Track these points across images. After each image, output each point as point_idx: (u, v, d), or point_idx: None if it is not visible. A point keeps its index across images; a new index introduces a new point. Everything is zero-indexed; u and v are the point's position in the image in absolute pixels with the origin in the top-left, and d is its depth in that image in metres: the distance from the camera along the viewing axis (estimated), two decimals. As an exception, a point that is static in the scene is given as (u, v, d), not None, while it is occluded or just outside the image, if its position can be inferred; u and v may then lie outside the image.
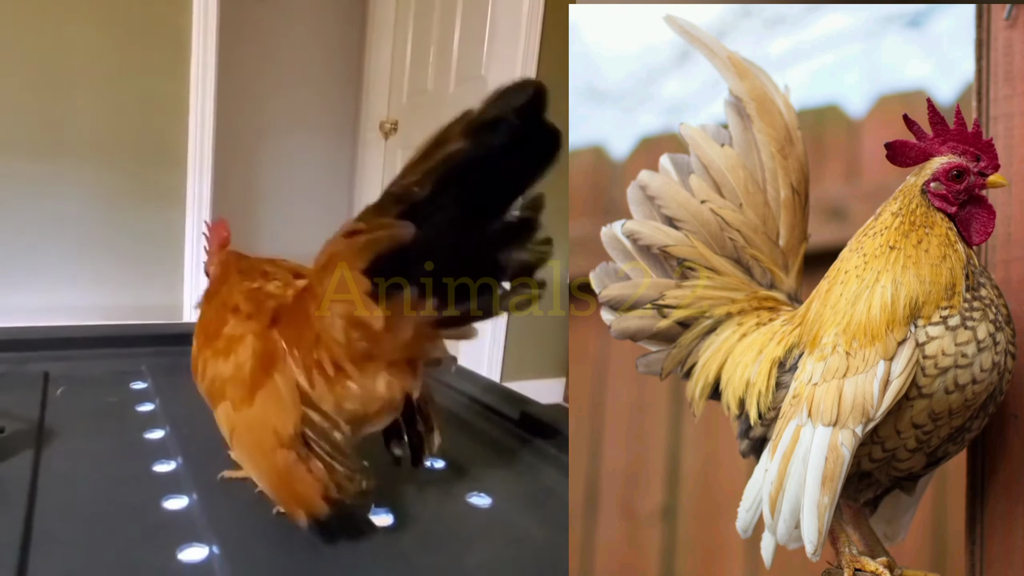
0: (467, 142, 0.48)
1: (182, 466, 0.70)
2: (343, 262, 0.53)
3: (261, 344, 0.60)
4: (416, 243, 0.50)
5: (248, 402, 0.58)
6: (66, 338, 1.11)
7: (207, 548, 0.56)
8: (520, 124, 0.49)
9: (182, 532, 0.58)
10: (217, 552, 0.55)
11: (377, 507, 0.64)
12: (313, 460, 0.56)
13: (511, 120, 0.49)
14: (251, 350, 0.59)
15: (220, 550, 0.55)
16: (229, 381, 0.60)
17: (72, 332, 1.16)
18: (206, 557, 0.55)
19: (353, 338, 0.55)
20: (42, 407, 0.83)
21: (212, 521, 0.59)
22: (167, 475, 0.69)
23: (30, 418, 0.77)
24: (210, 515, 0.61)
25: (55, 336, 1.12)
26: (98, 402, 0.88)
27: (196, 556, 0.55)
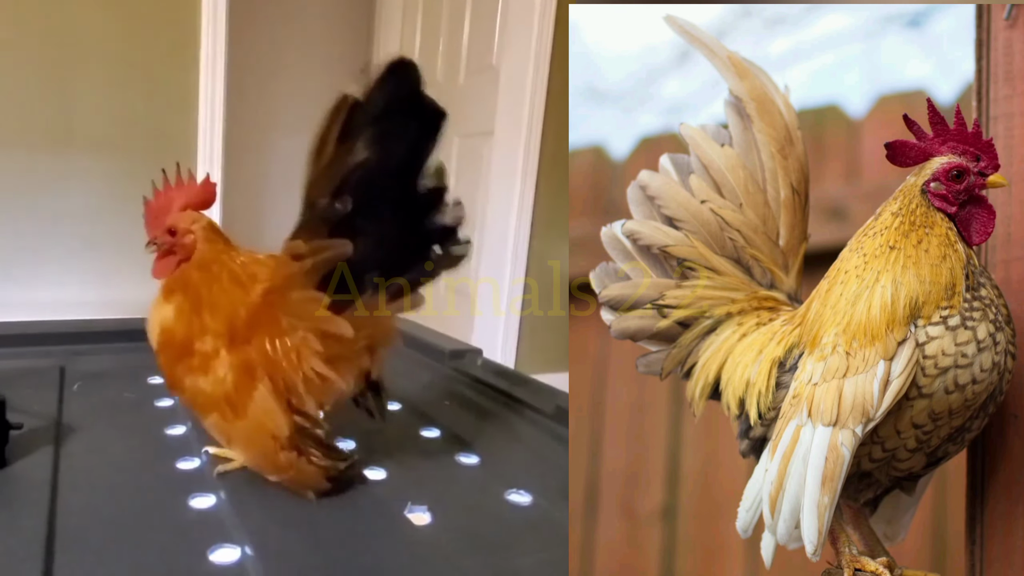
0: (369, 151, 0.55)
1: (207, 463, 0.69)
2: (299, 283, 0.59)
3: (237, 358, 0.62)
4: (356, 252, 0.57)
5: (241, 414, 0.62)
6: (80, 332, 1.10)
7: (239, 549, 0.55)
8: (410, 111, 0.55)
9: (212, 532, 0.57)
10: (250, 554, 0.54)
11: (415, 505, 0.64)
12: (311, 452, 0.63)
13: (402, 113, 0.54)
14: (228, 364, 0.62)
15: (253, 551, 0.54)
16: (213, 396, 0.62)
17: (86, 326, 1.14)
18: (238, 559, 0.54)
19: (329, 347, 0.61)
20: (59, 402, 0.82)
21: (242, 521, 0.59)
22: (192, 472, 0.68)
23: (48, 414, 0.76)
24: (239, 514, 0.60)
25: (69, 330, 1.10)
26: (116, 397, 0.87)
27: (228, 558, 0.54)
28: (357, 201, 0.57)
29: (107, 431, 0.77)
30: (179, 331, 0.65)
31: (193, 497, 0.63)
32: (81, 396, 0.86)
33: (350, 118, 0.56)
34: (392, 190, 0.57)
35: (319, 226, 0.58)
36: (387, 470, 0.72)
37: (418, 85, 0.55)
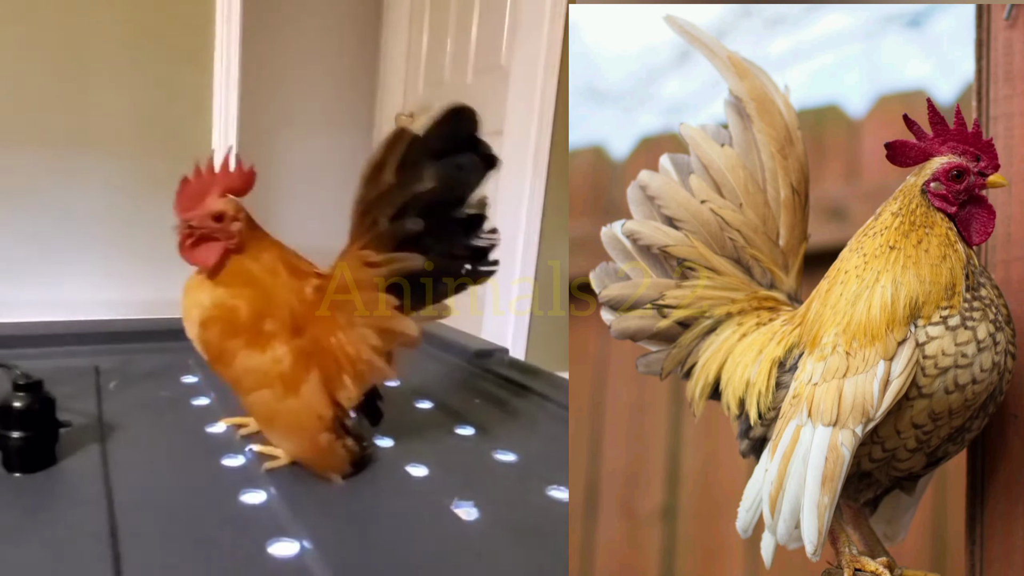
0: (434, 181, 0.64)
1: (252, 460, 0.71)
2: (371, 285, 0.67)
3: (295, 342, 0.68)
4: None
5: (293, 393, 0.67)
6: (111, 332, 1.12)
7: (297, 543, 0.56)
8: (470, 151, 0.65)
9: (267, 526, 0.59)
10: (309, 547, 0.56)
11: (461, 500, 0.66)
12: (344, 437, 0.69)
13: (463, 153, 0.65)
14: (287, 348, 0.67)
15: (312, 545, 0.56)
16: (268, 374, 0.67)
17: (118, 326, 1.16)
18: (298, 552, 0.55)
19: (386, 342, 0.69)
20: (99, 401, 0.83)
21: (295, 515, 0.61)
22: (238, 469, 0.70)
23: (89, 412, 0.78)
24: (292, 509, 0.62)
25: (101, 330, 1.12)
26: (152, 396, 0.89)
27: (287, 551, 0.55)
28: (427, 222, 0.66)
29: (149, 429, 0.78)
30: (243, 308, 0.68)
31: (244, 493, 0.65)
32: (118, 395, 0.87)
33: (409, 151, 0.64)
34: (448, 215, 0.67)
35: (386, 240, 0.66)
36: (428, 467, 0.74)
37: (476, 130, 0.65)
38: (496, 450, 0.81)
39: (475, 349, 1.20)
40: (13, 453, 0.65)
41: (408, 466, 0.74)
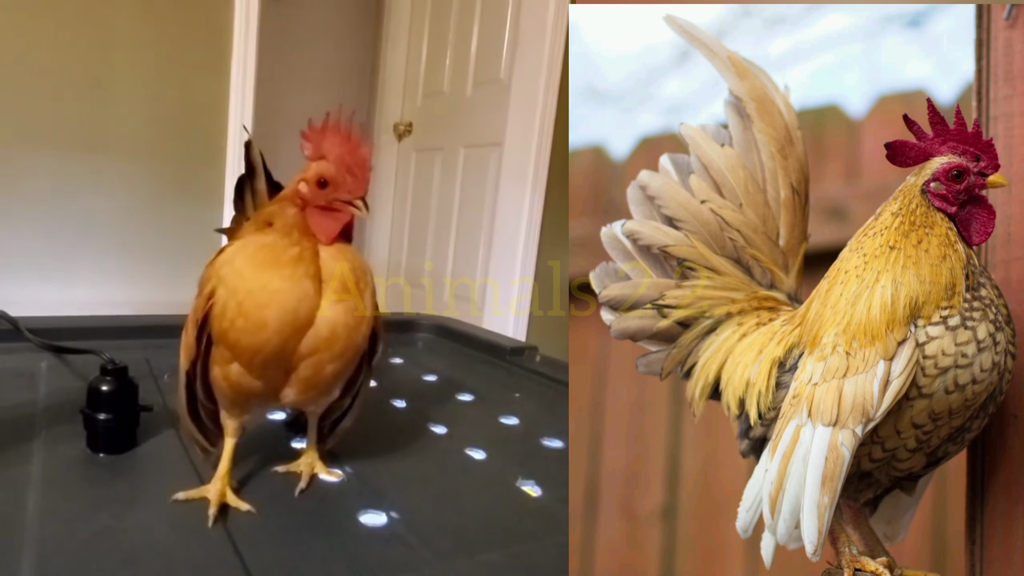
0: None
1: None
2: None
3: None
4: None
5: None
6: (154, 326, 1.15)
7: (383, 514, 0.60)
8: None
9: (352, 500, 0.63)
10: (396, 516, 0.60)
11: (524, 479, 0.71)
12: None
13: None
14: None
15: (398, 515, 0.61)
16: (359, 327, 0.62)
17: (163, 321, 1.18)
18: (386, 522, 0.60)
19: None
20: (159, 390, 0.86)
21: (374, 490, 0.66)
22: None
23: (153, 400, 0.78)
24: (372, 485, 0.67)
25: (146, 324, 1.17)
26: None
27: (377, 520, 0.60)
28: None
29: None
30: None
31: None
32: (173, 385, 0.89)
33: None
34: None
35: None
36: (485, 452, 0.79)
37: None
38: (543, 438, 0.87)
39: (509, 347, 1.27)
40: (101, 434, 0.67)
41: (467, 450, 0.79)
